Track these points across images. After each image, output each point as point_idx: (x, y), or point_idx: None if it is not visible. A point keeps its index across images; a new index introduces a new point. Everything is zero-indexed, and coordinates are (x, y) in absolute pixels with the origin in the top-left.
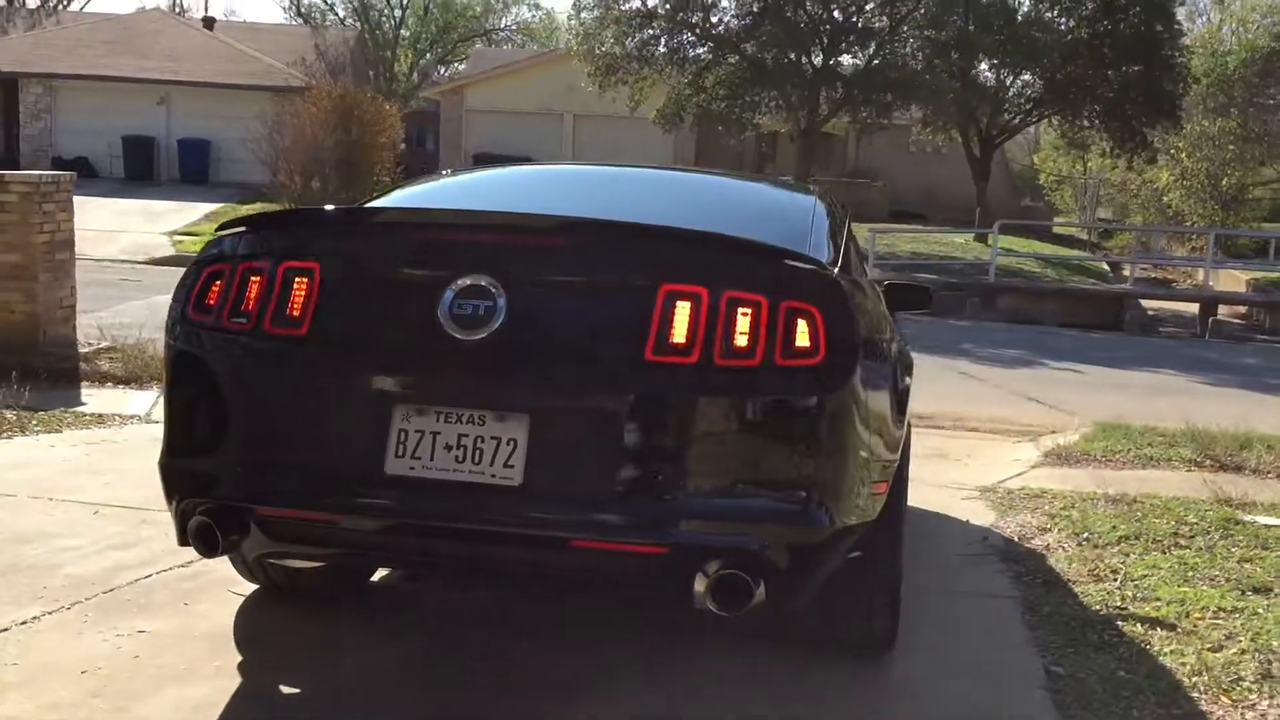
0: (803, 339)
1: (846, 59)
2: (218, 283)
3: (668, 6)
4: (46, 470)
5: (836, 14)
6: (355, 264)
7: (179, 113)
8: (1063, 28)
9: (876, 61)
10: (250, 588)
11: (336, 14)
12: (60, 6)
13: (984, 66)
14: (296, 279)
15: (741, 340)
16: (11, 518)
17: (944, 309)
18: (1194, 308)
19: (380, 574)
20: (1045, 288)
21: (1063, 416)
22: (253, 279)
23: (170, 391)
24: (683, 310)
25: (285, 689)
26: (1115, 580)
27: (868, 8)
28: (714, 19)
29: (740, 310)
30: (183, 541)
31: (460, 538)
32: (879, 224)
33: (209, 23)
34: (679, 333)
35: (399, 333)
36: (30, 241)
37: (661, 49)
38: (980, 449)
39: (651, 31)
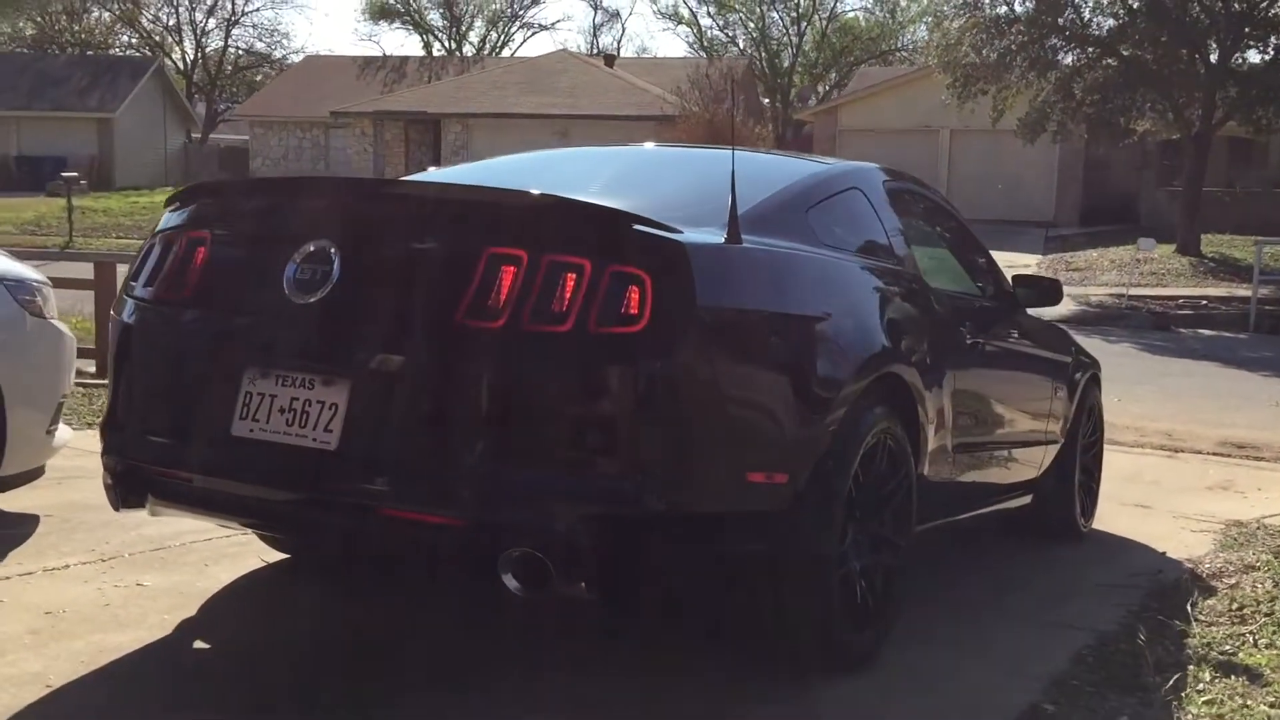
0: (629, 306)
1: (1253, 55)
2: (149, 256)
3: (1034, 8)
4: None
5: (1236, 4)
6: (233, 233)
7: (575, 144)
8: None
9: None
10: (278, 557)
11: (737, 45)
12: (493, 54)
13: None
14: (196, 249)
15: (556, 305)
16: None
17: None
18: None
19: None
20: None
21: None
22: (172, 250)
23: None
24: (503, 274)
25: (198, 644)
26: (1257, 623)
27: None
28: (1085, 18)
29: (565, 274)
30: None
31: (288, 501)
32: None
33: (609, 60)
34: (492, 297)
35: (253, 297)
36: None
37: (1021, 56)
38: None
39: (1014, 37)
